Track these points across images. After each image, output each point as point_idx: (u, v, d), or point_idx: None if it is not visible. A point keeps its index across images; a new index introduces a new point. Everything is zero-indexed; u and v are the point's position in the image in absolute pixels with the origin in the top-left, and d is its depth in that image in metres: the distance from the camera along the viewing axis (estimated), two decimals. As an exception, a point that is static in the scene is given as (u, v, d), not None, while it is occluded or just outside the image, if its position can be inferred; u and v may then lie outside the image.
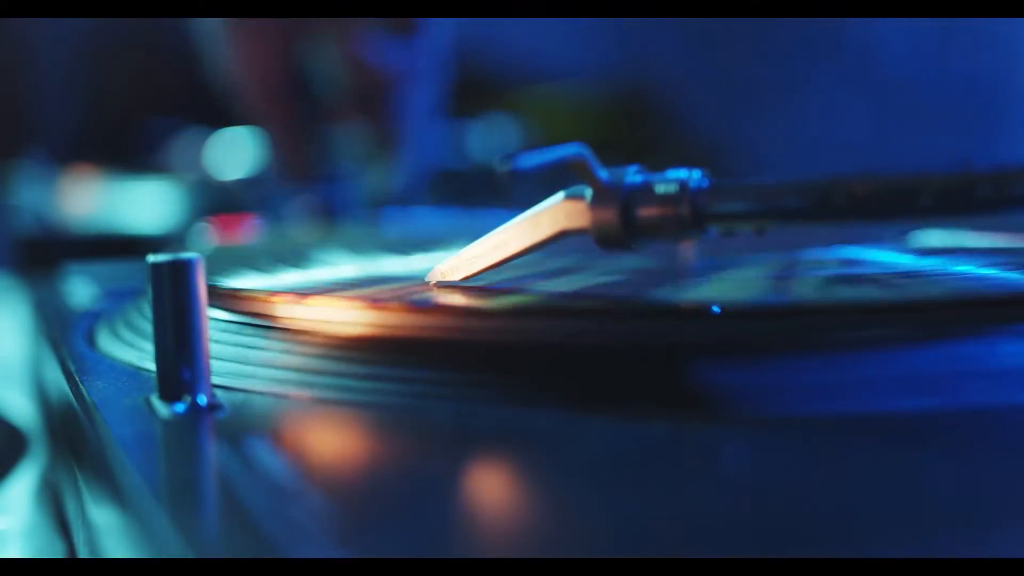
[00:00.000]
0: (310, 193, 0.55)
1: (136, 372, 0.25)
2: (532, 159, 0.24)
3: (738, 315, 0.22)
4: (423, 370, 0.22)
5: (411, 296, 0.25)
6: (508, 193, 0.25)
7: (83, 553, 0.24)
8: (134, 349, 0.27)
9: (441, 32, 0.58)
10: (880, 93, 0.69)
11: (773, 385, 0.20)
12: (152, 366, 0.22)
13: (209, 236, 0.54)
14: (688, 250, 0.31)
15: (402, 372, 0.22)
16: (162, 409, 0.21)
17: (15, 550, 0.27)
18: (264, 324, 0.25)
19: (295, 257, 0.34)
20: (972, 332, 0.21)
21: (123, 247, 0.55)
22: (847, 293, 0.25)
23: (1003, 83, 0.70)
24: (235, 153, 0.75)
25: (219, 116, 0.68)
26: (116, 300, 0.34)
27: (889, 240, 0.33)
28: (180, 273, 0.21)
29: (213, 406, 0.21)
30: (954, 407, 0.20)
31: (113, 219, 0.65)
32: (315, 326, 0.24)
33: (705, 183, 0.25)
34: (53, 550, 0.27)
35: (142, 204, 0.64)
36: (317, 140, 0.57)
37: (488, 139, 0.78)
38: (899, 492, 0.16)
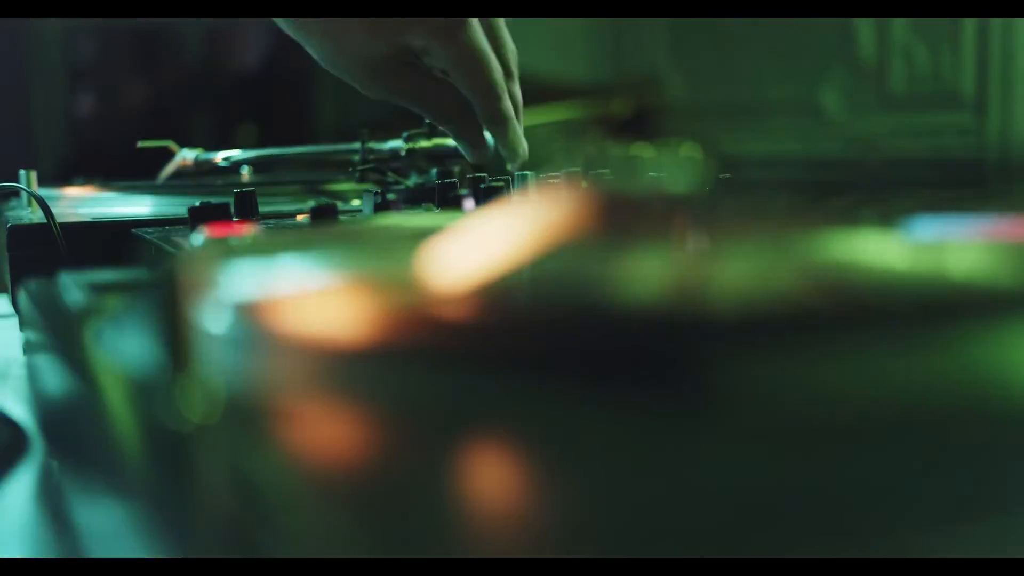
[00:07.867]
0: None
1: (136, 372, 0.25)
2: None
3: (738, 312, 0.22)
4: (423, 369, 0.22)
5: (410, 294, 0.25)
6: None
7: (83, 553, 0.24)
8: (134, 349, 0.27)
9: None
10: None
11: (772, 383, 0.20)
12: (152, 366, 0.22)
13: (208, 241, 0.54)
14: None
15: (403, 371, 0.22)
16: (162, 408, 0.21)
17: (15, 550, 0.27)
18: (265, 324, 0.25)
19: (295, 258, 0.33)
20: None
21: (122, 252, 0.55)
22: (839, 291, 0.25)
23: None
24: (235, 167, 0.76)
25: (218, 133, 0.68)
26: (116, 301, 0.34)
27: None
28: (181, 275, 0.21)
29: (214, 404, 0.21)
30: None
31: (111, 228, 0.65)
32: (314, 326, 0.24)
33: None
34: (53, 550, 0.27)
35: (144, 215, 0.65)
36: None
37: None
38: (901, 489, 0.16)
